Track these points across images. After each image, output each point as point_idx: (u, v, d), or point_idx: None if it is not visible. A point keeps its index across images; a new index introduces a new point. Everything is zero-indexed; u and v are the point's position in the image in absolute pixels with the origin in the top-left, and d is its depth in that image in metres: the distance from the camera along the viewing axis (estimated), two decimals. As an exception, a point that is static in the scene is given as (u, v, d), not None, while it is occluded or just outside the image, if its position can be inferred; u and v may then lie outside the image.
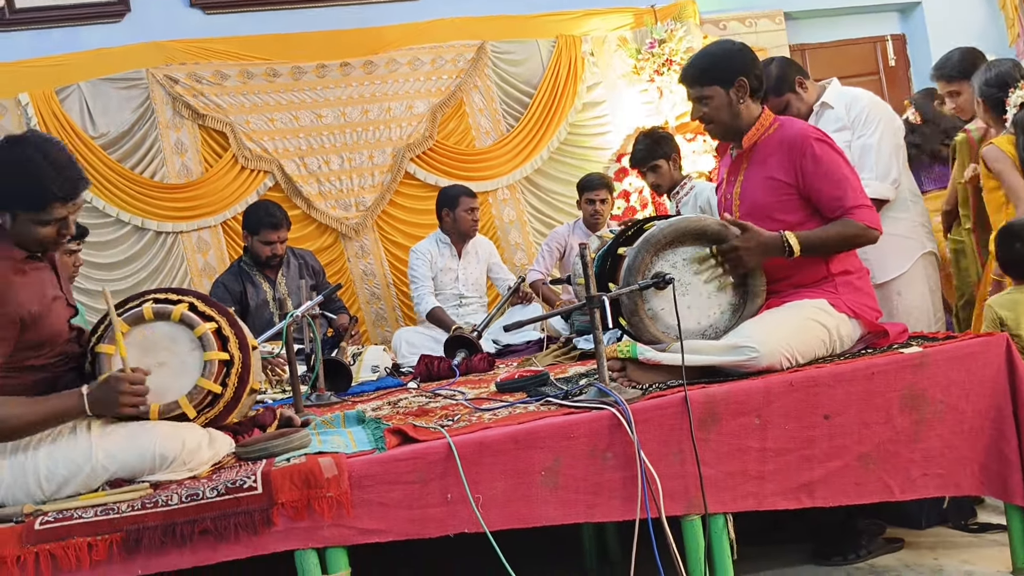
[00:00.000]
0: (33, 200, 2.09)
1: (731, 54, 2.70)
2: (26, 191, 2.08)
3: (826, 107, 3.43)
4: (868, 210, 2.57)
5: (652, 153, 4.29)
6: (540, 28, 5.98)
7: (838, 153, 2.63)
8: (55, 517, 1.98)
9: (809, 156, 2.58)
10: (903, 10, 7.03)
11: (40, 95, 5.08)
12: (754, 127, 2.70)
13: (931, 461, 2.41)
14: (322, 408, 3.11)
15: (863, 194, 2.60)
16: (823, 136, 2.65)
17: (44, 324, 2.18)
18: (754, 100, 2.70)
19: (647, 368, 2.47)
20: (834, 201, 2.57)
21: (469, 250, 5.00)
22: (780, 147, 2.65)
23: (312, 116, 5.54)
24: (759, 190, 2.68)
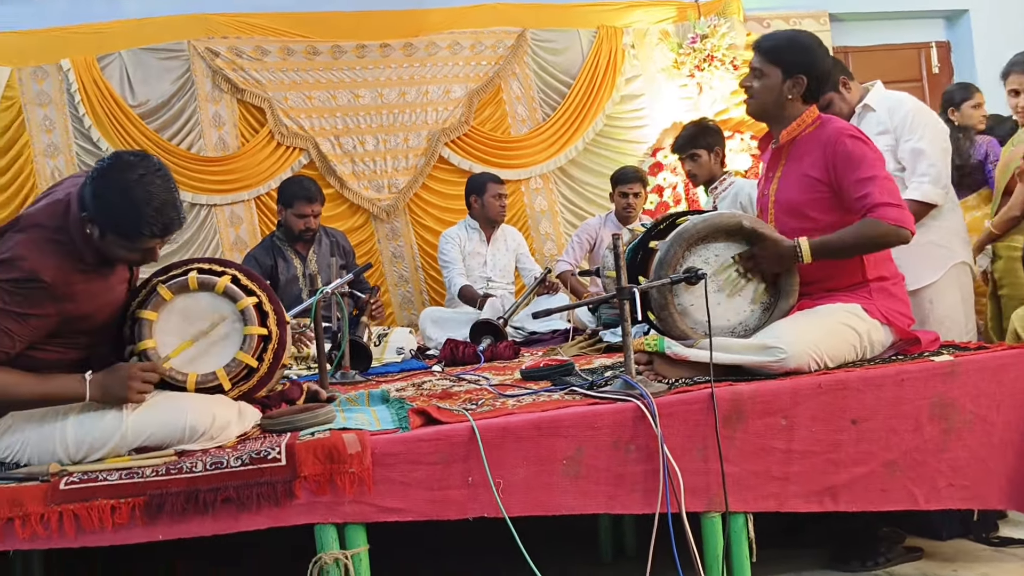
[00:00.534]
0: (127, 231, 2.08)
1: (808, 49, 2.67)
2: (122, 221, 2.07)
3: (868, 109, 3.38)
4: (896, 209, 2.49)
5: (693, 141, 4.24)
6: (582, 18, 5.95)
7: (872, 152, 2.58)
8: (80, 478, 2.01)
9: (840, 152, 2.55)
10: (949, 17, 6.92)
11: (82, 62, 5.13)
12: (795, 122, 2.67)
13: (958, 472, 2.38)
14: (347, 386, 3.13)
15: (893, 194, 2.52)
16: (859, 134, 2.61)
17: (92, 320, 2.19)
18: (804, 101, 2.68)
19: (674, 363, 2.46)
20: (860, 199, 2.51)
21: (498, 237, 5.01)
22: (817, 145, 2.62)
23: (350, 96, 5.55)
24: (794, 188, 2.65)
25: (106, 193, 2.05)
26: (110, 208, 2.06)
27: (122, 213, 2.06)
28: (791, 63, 2.64)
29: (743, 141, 5.90)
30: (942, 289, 3.30)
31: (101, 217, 2.07)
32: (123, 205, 2.05)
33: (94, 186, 2.07)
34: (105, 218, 2.07)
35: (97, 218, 2.07)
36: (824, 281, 2.61)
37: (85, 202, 2.08)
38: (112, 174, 2.07)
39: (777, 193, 2.71)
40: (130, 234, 2.09)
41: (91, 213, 2.07)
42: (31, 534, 1.96)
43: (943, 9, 6.84)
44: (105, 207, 2.06)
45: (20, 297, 2.04)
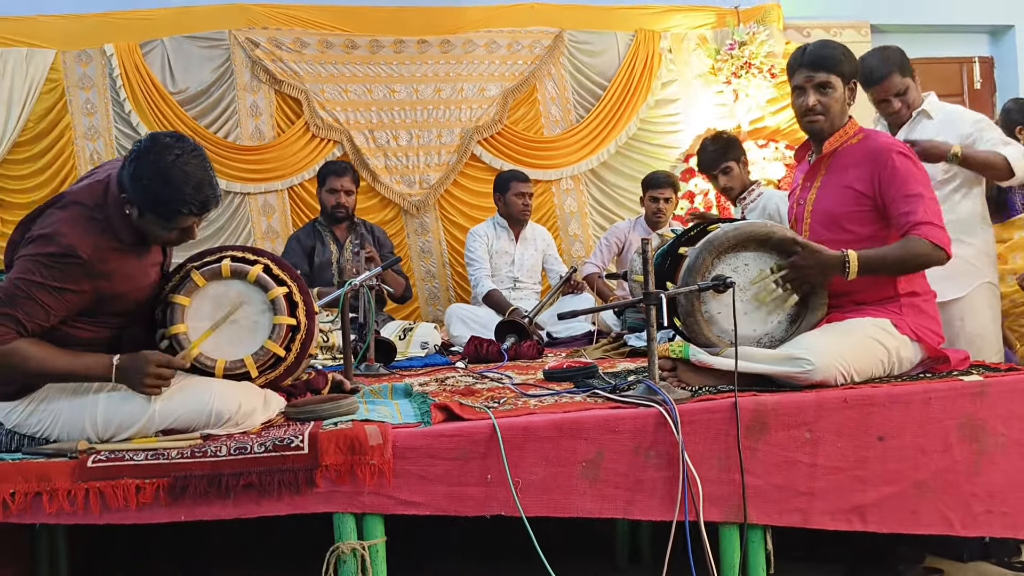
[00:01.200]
0: (165, 210, 2.13)
1: (851, 55, 2.67)
2: (161, 200, 2.11)
3: (925, 115, 3.39)
4: (937, 229, 2.48)
5: (724, 155, 4.22)
6: (620, 20, 5.93)
7: (918, 169, 2.56)
8: (107, 456, 2.04)
9: (888, 167, 2.53)
10: (994, 32, 6.82)
11: (124, 47, 5.21)
12: (838, 132, 2.65)
13: (995, 498, 2.34)
14: (371, 378, 3.15)
15: (935, 213, 2.51)
16: (907, 151, 2.59)
17: (125, 300, 2.23)
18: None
19: (698, 370, 2.45)
20: (904, 216, 2.50)
21: (527, 236, 5.00)
22: (863, 158, 2.59)
23: (385, 90, 5.58)
24: (834, 199, 2.63)
25: (144, 174, 2.10)
26: (149, 188, 2.10)
27: (160, 192, 2.10)
28: (848, 69, 2.63)
29: (778, 150, 5.85)
30: (975, 308, 3.28)
31: (140, 197, 2.11)
32: (161, 185, 2.09)
33: (133, 167, 2.11)
34: (144, 198, 2.11)
35: (136, 198, 2.12)
36: (854, 294, 2.58)
37: (124, 183, 2.13)
38: (150, 156, 2.11)
39: (815, 203, 2.69)
40: (168, 213, 2.14)
41: (130, 194, 2.12)
42: (58, 509, 1.99)
43: (988, 24, 6.74)
44: (144, 187, 2.10)
45: (58, 271, 2.08)
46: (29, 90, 5.10)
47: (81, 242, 2.10)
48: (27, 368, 2.09)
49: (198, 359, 2.25)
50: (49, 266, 2.07)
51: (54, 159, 5.17)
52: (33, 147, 5.15)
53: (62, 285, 2.09)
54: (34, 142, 5.15)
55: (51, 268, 2.07)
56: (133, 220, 2.15)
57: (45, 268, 2.07)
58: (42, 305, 2.08)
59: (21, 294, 2.06)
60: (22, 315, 2.07)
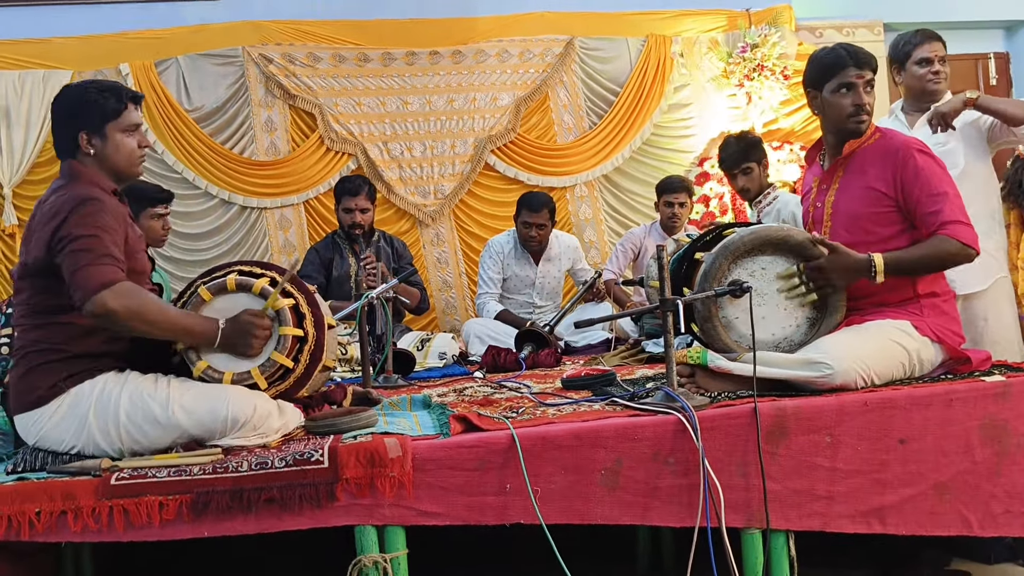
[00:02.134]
0: (117, 105, 2.33)
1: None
2: (109, 99, 2.32)
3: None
4: (965, 227, 2.46)
5: (746, 155, 4.20)
6: (630, 26, 5.94)
7: (940, 167, 2.54)
8: (130, 474, 2.06)
9: (910, 167, 2.51)
10: (1009, 28, 6.77)
11: (140, 66, 5.27)
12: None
13: (1015, 498, 2.32)
14: (389, 390, 3.16)
15: (962, 211, 2.49)
16: (926, 149, 2.57)
17: (134, 258, 2.32)
18: None
19: (716, 376, 2.44)
20: (930, 215, 2.48)
21: (551, 256, 4.76)
22: (882, 157, 2.58)
23: (399, 102, 5.61)
24: (855, 200, 2.61)
25: (70, 104, 2.33)
26: (95, 101, 2.31)
27: (104, 95, 2.33)
28: (875, 71, 2.63)
29: (792, 152, 5.83)
30: (999, 305, 3.25)
31: (92, 118, 2.31)
32: (97, 92, 2.33)
33: (66, 108, 2.33)
34: (87, 112, 2.32)
35: (85, 123, 2.31)
36: (874, 296, 2.57)
37: (66, 138, 2.33)
38: (68, 93, 2.36)
39: (835, 205, 2.67)
40: (119, 107, 2.33)
41: (79, 127, 2.32)
42: (83, 527, 2.01)
43: (1002, 20, 6.69)
44: (94, 105, 2.31)
45: (92, 215, 2.19)
46: (47, 111, 5.14)
47: (87, 191, 2.24)
48: (147, 310, 2.18)
49: (205, 372, 2.28)
50: (93, 212, 2.19)
51: (73, 179, 5.23)
52: (52, 167, 5.20)
53: (109, 224, 2.21)
54: (52, 163, 5.19)
55: (95, 214, 2.19)
56: (99, 153, 2.33)
57: (92, 215, 2.19)
58: (114, 243, 2.20)
59: (98, 239, 2.17)
60: (114, 256, 2.18)
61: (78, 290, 2.13)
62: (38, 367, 2.23)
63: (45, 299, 2.24)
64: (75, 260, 2.14)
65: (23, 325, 2.29)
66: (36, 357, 2.24)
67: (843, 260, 2.45)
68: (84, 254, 2.14)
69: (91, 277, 2.13)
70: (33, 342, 2.25)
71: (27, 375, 2.24)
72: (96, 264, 2.14)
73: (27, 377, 2.23)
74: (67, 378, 2.21)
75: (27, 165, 5.13)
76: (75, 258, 2.14)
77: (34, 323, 2.26)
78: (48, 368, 2.22)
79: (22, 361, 2.26)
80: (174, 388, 2.23)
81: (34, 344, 2.25)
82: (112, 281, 2.13)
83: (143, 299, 2.18)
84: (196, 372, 2.28)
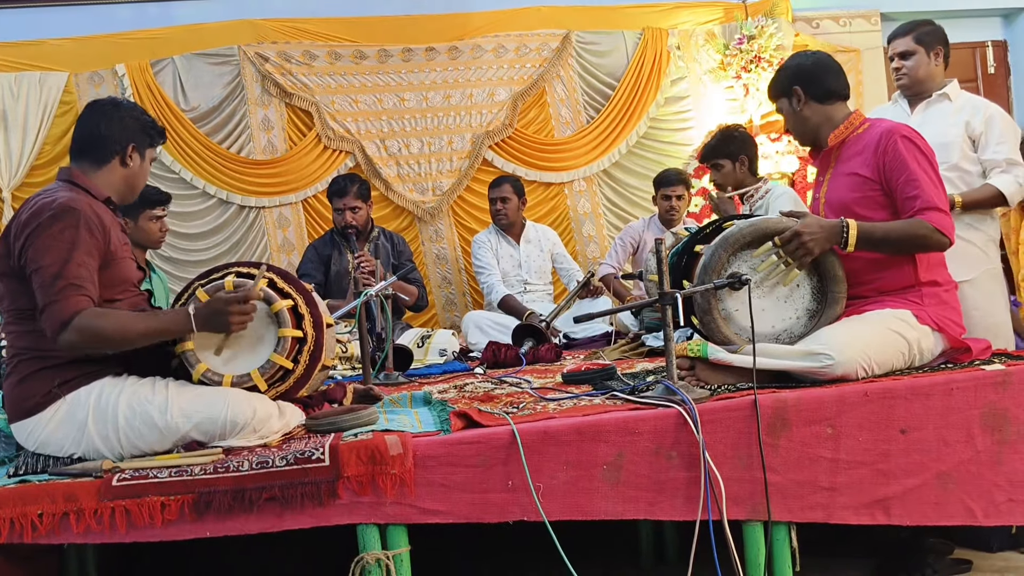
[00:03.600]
0: (157, 138, 2.47)
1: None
2: (155, 130, 2.45)
3: (945, 98, 3.41)
4: (941, 215, 2.48)
5: (716, 151, 4.22)
6: (627, 19, 5.92)
7: (924, 153, 2.55)
8: (131, 475, 2.06)
9: (891, 151, 2.53)
10: (1007, 15, 6.75)
11: (136, 67, 5.25)
12: (842, 125, 2.68)
13: (1017, 487, 2.33)
14: (389, 387, 3.15)
15: (941, 199, 2.51)
16: (912, 135, 2.58)
17: (118, 266, 2.30)
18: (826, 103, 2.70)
19: (717, 369, 2.44)
20: (908, 200, 2.51)
21: (529, 237, 5.00)
22: (867, 144, 2.61)
23: (395, 99, 5.60)
24: (843, 188, 2.64)
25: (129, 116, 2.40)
26: (138, 121, 2.41)
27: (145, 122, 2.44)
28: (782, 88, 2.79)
29: (790, 143, 5.82)
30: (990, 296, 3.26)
31: (138, 133, 2.40)
32: (142, 115, 2.45)
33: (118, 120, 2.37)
34: (141, 131, 2.40)
35: (137, 136, 2.39)
36: (875, 281, 2.58)
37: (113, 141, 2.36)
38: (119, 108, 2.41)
39: (827, 194, 2.71)
40: (155, 138, 2.46)
41: (127, 140, 2.38)
42: (85, 528, 2.01)
43: (1000, 7, 6.67)
44: (136, 121, 2.40)
45: (69, 230, 2.17)
46: (44, 113, 5.16)
47: (69, 200, 2.22)
48: (110, 328, 2.16)
49: (205, 375, 2.28)
50: (61, 230, 2.16)
51: (71, 180, 5.22)
52: (49, 170, 5.19)
53: (77, 239, 2.18)
54: (50, 165, 5.19)
55: (63, 231, 2.17)
56: (129, 164, 2.39)
57: (58, 233, 2.16)
58: (83, 265, 2.17)
59: (62, 263, 2.15)
60: (79, 280, 2.15)
61: (47, 329, 2.15)
62: (31, 375, 2.23)
63: (25, 302, 2.23)
64: (42, 295, 2.15)
65: (12, 331, 2.28)
66: (28, 365, 2.24)
67: (817, 222, 2.48)
68: (48, 289, 2.13)
69: (52, 317, 2.13)
70: (24, 349, 2.25)
71: (21, 383, 2.23)
72: (57, 300, 2.13)
73: (21, 385, 2.23)
74: (60, 385, 2.21)
75: (25, 167, 5.12)
76: (42, 293, 2.15)
77: (21, 329, 2.25)
78: (40, 376, 2.22)
79: (15, 369, 2.26)
80: (173, 392, 2.23)
81: (25, 352, 2.25)
82: (70, 317, 2.12)
83: (100, 322, 2.15)
84: (195, 375, 2.28)
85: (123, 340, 2.20)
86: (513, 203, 4.91)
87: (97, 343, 2.17)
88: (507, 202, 4.89)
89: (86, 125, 2.39)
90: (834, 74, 2.71)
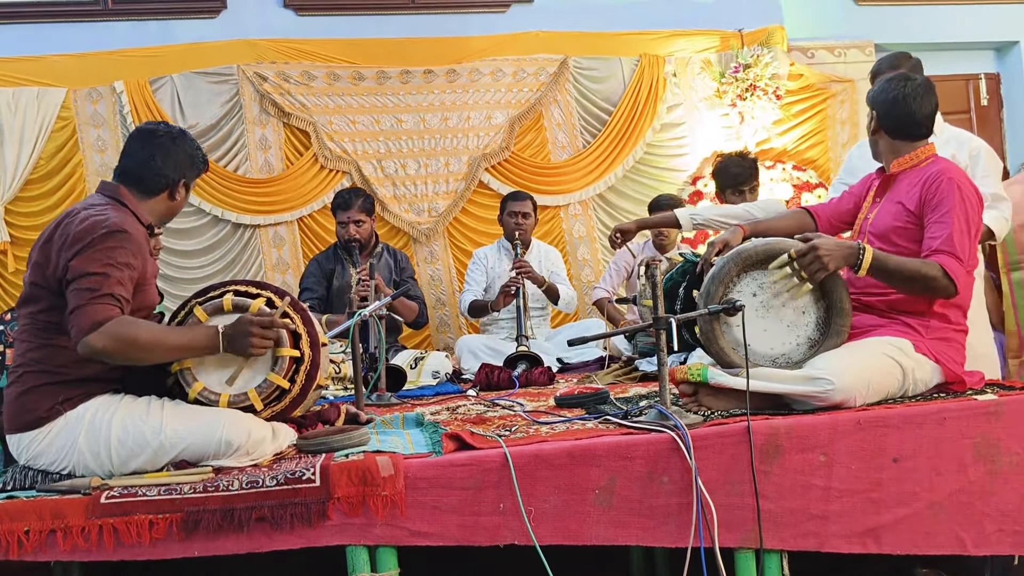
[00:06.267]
0: (200, 162, 2.51)
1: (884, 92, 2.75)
2: (199, 157, 2.50)
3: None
4: (956, 262, 2.47)
5: (754, 173, 4.27)
6: (624, 46, 5.96)
7: (966, 201, 2.54)
8: (120, 493, 2.05)
9: (935, 190, 2.55)
10: (1000, 49, 6.83)
11: (134, 84, 5.27)
12: (906, 156, 2.68)
13: (1007, 517, 2.33)
14: (382, 408, 3.15)
15: (963, 248, 2.50)
16: (962, 181, 2.57)
17: (147, 291, 2.32)
18: (895, 139, 2.70)
19: (719, 393, 2.43)
20: (931, 239, 2.52)
21: (531, 257, 4.92)
22: (920, 179, 2.62)
23: (393, 120, 5.63)
24: (888, 215, 2.68)
25: (189, 152, 2.45)
26: (192, 155, 2.46)
27: (197, 151, 2.49)
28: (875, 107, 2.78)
29: (785, 171, 5.86)
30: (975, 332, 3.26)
31: (192, 170, 2.47)
32: (192, 150, 2.48)
33: (177, 155, 2.42)
34: (194, 168, 2.48)
35: (190, 173, 2.46)
36: (889, 295, 2.58)
37: (165, 176, 2.41)
38: (173, 139, 2.44)
39: (875, 219, 2.74)
40: (202, 163, 2.53)
41: (179, 175, 2.43)
42: (72, 546, 2.00)
43: (993, 41, 6.76)
44: (191, 159, 2.46)
45: (115, 249, 2.19)
46: (41, 128, 5.16)
47: (121, 221, 2.25)
48: (144, 336, 2.16)
49: (201, 394, 2.27)
50: (112, 248, 2.18)
51: (66, 196, 5.21)
52: (45, 184, 5.20)
53: (125, 261, 2.20)
54: (46, 179, 5.20)
55: (114, 249, 2.18)
56: (176, 198, 2.46)
57: (109, 250, 2.18)
58: (121, 282, 2.18)
59: (105, 275, 2.15)
60: (116, 293, 2.16)
61: (73, 328, 2.14)
62: (36, 388, 2.22)
63: (52, 316, 2.23)
64: (77, 298, 2.14)
65: (26, 341, 2.27)
66: (34, 378, 2.23)
67: (832, 239, 2.50)
68: (86, 293, 2.13)
69: (84, 317, 2.12)
70: (33, 361, 2.24)
71: (24, 395, 2.22)
72: (93, 303, 2.13)
73: (24, 397, 2.22)
74: (64, 402, 2.20)
75: (20, 182, 5.11)
76: (77, 296, 2.14)
77: (38, 341, 2.24)
78: (46, 390, 2.21)
79: (20, 380, 2.25)
80: (168, 413, 2.22)
81: (34, 364, 2.24)
82: (104, 320, 2.11)
83: (135, 329, 2.15)
84: (192, 394, 2.26)
85: (155, 349, 2.19)
86: (531, 221, 4.92)
87: (128, 351, 2.15)
88: (528, 217, 4.87)
89: (140, 154, 2.39)
90: (911, 117, 2.65)
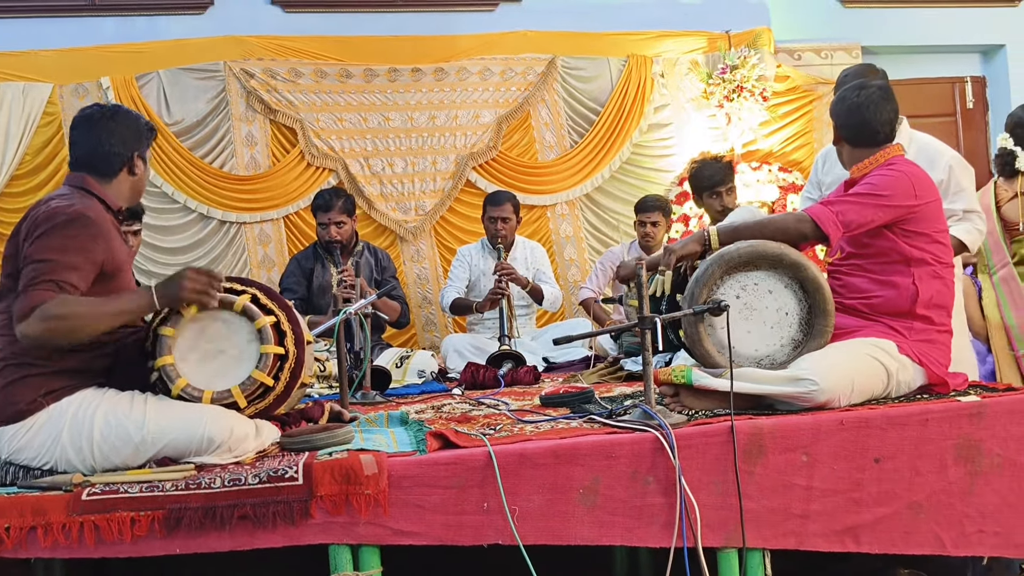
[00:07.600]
0: (152, 138, 2.49)
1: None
2: (150, 132, 2.48)
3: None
4: (826, 212, 2.49)
5: (729, 175, 4.26)
6: (612, 46, 5.97)
7: (887, 180, 2.53)
8: (102, 489, 2.03)
9: (873, 172, 2.59)
10: (985, 52, 6.88)
11: (121, 80, 5.23)
12: (866, 160, 2.65)
13: (987, 518, 2.34)
14: (367, 407, 3.14)
15: (851, 210, 2.49)
16: (902, 167, 2.58)
17: (118, 279, 2.30)
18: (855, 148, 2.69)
19: (701, 395, 2.44)
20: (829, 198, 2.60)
21: (515, 255, 4.88)
22: None
23: (380, 118, 5.61)
24: None
25: (131, 126, 2.42)
26: (138, 129, 2.44)
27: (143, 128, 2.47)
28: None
29: (771, 172, 5.89)
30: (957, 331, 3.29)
31: (142, 142, 2.44)
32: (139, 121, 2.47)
33: (120, 131, 2.39)
34: (143, 138, 2.44)
35: (141, 145, 2.43)
36: (872, 299, 2.58)
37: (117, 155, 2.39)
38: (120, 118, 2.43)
39: None
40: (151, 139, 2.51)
41: (130, 149, 2.40)
42: (52, 543, 1.98)
43: (979, 44, 6.80)
44: (136, 130, 2.43)
45: (73, 233, 2.19)
46: (27, 124, 5.12)
47: (85, 208, 2.24)
48: (72, 314, 2.13)
49: (184, 390, 2.25)
50: (66, 233, 2.17)
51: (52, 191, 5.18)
52: (31, 180, 5.16)
53: (82, 245, 2.19)
54: (32, 175, 5.16)
55: (68, 234, 2.17)
56: (133, 172, 2.43)
57: (64, 234, 2.17)
58: (72, 267, 2.17)
59: (51, 262, 2.14)
60: (59, 279, 2.14)
61: (13, 318, 2.14)
62: (18, 381, 2.20)
63: None
64: (21, 286, 2.15)
65: (6, 335, 2.26)
66: (16, 371, 2.21)
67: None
68: (27, 281, 2.14)
69: (19, 305, 2.13)
70: (15, 354, 2.22)
71: (6, 388, 2.21)
72: (28, 291, 2.13)
73: (6, 390, 2.21)
74: (47, 394, 2.19)
75: (6, 178, 5.07)
76: (22, 284, 2.15)
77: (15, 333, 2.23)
78: (27, 383, 2.20)
79: (1, 373, 2.23)
80: (151, 408, 2.21)
81: (16, 356, 2.22)
82: (37, 305, 2.10)
83: (65, 307, 2.13)
84: (175, 390, 2.25)
85: (91, 319, 2.17)
86: (512, 223, 4.82)
87: (62, 328, 2.13)
88: (507, 222, 4.78)
89: (87, 140, 2.39)
90: (868, 124, 2.63)
